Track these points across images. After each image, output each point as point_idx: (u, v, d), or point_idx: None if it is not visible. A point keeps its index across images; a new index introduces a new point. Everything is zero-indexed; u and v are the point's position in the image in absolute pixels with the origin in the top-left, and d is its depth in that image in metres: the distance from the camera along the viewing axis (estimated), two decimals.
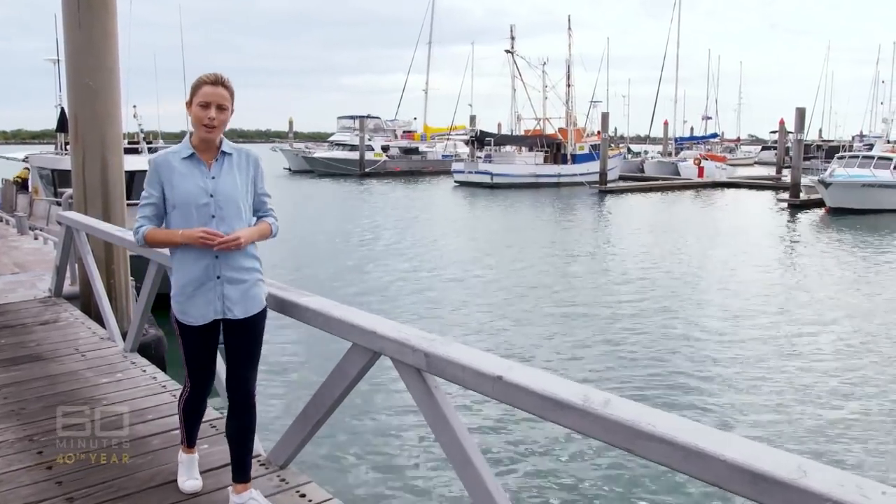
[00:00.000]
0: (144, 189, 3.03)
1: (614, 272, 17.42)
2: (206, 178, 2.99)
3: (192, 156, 3.01)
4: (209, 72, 2.99)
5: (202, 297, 3.01)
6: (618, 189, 43.48)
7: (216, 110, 2.94)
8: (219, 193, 2.98)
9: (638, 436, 1.76)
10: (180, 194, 2.96)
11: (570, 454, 7.19)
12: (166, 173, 2.98)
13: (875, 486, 1.43)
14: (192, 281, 3.00)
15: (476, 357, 2.37)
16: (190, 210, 2.96)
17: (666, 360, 10.39)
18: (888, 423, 8.25)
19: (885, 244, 22.63)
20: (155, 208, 3.01)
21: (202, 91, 2.94)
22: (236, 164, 3.07)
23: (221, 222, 2.98)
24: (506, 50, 52.04)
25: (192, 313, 3.03)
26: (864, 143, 49.62)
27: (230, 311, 3.04)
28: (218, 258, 2.99)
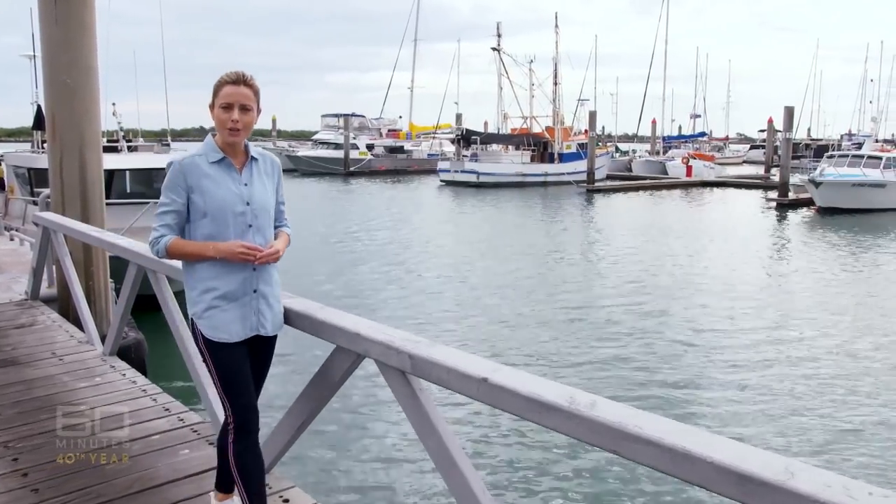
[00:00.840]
0: (163, 195, 2.77)
1: (602, 273, 17.48)
2: (239, 184, 2.80)
3: (222, 160, 2.80)
4: (231, 70, 2.79)
5: (238, 311, 2.81)
6: (605, 188, 43.65)
7: (239, 112, 2.75)
8: (254, 201, 2.82)
9: (624, 438, 1.77)
10: (215, 201, 2.74)
11: (557, 456, 7.21)
12: (195, 178, 2.74)
13: (862, 487, 1.45)
14: (227, 295, 2.79)
15: (461, 359, 2.37)
16: (226, 219, 2.75)
17: (654, 361, 10.43)
18: (878, 424, 8.33)
19: (877, 244, 22.84)
20: (177, 216, 2.76)
21: (223, 92, 2.74)
22: (263, 170, 2.91)
23: (258, 232, 2.82)
24: (492, 47, 52.09)
25: (226, 329, 2.80)
26: (853, 141, 50.06)
27: (263, 328, 2.90)
28: (255, 270, 2.83)
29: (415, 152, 61.28)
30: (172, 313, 4.46)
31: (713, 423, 8.20)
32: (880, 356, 10.83)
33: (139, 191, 14.08)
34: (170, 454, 3.79)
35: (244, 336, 2.84)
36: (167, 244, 2.76)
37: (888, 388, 9.43)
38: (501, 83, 53.48)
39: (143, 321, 7.48)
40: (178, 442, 3.94)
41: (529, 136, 49.54)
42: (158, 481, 3.50)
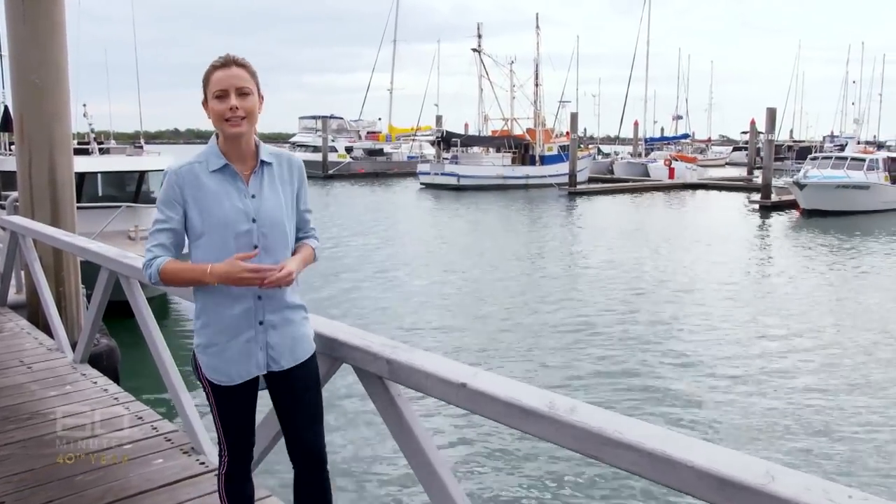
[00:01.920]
0: (158, 210, 2.42)
1: (584, 277, 17.56)
2: (244, 196, 2.40)
3: (224, 167, 2.41)
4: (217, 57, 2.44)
5: (240, 349, 2.43)
6: (587, 191, 43.87)
7: (237, 97, 2.35)
8: (262, 217, 2.40)
9: (605, 443, 1.78)
10: (213, 219, 2.36)
11: (538, 462, 7.22)
12: (192, 190, 2.37)
13: (842, 490, 1.46)
14: (225, 330, 2.42)
15: (440, 364, 2.37)
16: (226, 239, 2.36)
17: (636, 365, 10.49)
18: (861, 426, 8.42)
19: (862, 247, 23.10)
20: (173, 235, 2.40)
21: (214, 79, 2.37)
22: (277, 175, 2.49)
23: (266, 253, 2.39)
24: (473, 48, 52.25)
25: (226, 370, 2.45)
26: (835, 143, 50.70)
27: (275, 363, 2.48)
28: (261, 299, 2.42)
29: (394, 155, 61.27)
30: (146, 319, 4.43)
31: (695, 428, 8.25)
32: (865, 358, 10.96)
33: (111, 194, 13.96)
34: (142, 464, 3.76)
35: (248, 377, 2.47)
36: (160, 267, 2.37)
37: (872, 391, 9.55)
38: (482, 84, 53.66)
39: (116, 327, 7.42)
40: (152, 451, 3.91)
41: (510, 139, 49.71)
42: (130, 492, 3.46)
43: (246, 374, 2.46)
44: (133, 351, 7.21)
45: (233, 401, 2.51)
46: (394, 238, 23.68)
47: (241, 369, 2.45)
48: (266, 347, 2.46)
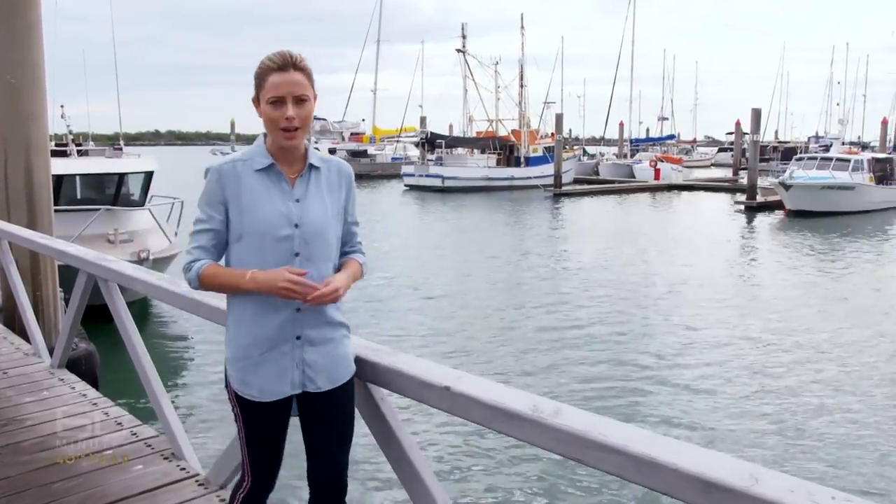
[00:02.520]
0: (200, 209, 2.29)
1: (570, 280, 17.61)
2: (287, 199, 2.26)
3: (270, 167, 2.27)
4: (274, 52, 2.25)
5: (273, 364, 2.27)
6: (573, 192, 44.02)
7: (294, 105, 2.21)
8: (305, 223, 2.25)
9: (589, 446, 1.78)
10: (253, 221, 2.23)
11: (523, 466, 7.23)
12: (233, 189, 2.24)
13: (825, 492, 1.47)
14: (259, 342, 2.26)
15: (423, 367, 2.36)
16: (264, 244, 2.22)
17: (622, 368, 10.53)
18: (846, 428, 8.49)
19: (849, 247, 23.33)
20: (215, 236, 2.27)
21: (269, 83, 2.21)
22: (325, 181, 2.35)
23: (307, 263, 2.25)
24: (457, 49, 52.40)
25: (257, 385, 2.28)
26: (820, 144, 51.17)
27: (312, 383, 2.32)
28: (300, 311, 2.26)
29: (378, 156, 61.23)
30: (125, 324, 4.39)
31: (680, 430, 8.29)
32: (851, 359, 11.05)
33: (90, 197, 13.86)
34: (122, 470, 3.72)
35: (281, 395, 2.30)
36: (200, 270, 2.25)
37: (857, 392, 9.63)
38: (466, 85, 53.88)
39: (95, 331, 7.36)
40: (131, 457, 3.88)
41: (495, 140, 49.83)
42: (110, 498, 3.43)
43: (279, 393, 2.29)
44: (113, 355, 7.16)
45: (262, 420, 2.34)
46: (377, 240, 23.65)
47: (274, 386, 2.28)
48: (302, 365, 2.30)
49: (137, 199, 14.31)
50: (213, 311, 3.34)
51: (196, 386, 9.74)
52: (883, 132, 52.38)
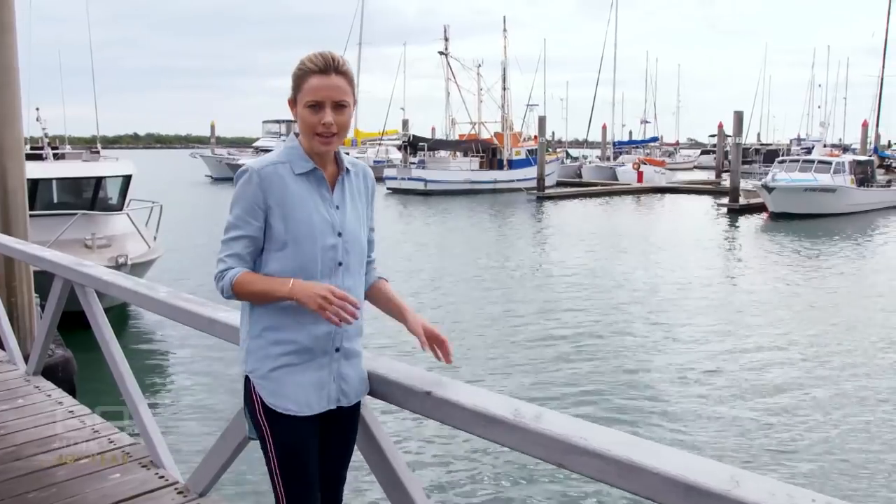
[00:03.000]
0: (234, 213, 2.15)
1: (552, 283, 17.65)
2: (329, 206, 2.17)
3: (312, 172, 2.17)
4: (315, 52, 2.15)
5: (312, 376, 2.17)
6: (556, 195, 44.13)
7: (333, 111, 2.12)
8: (346, 231, 2.19)
9: (570, 450, 1.78)
10: (300, 229, 2.11)
11: (508, 472, 7.23)
12: (277, 195, 2.11)
13: (805, 495, 1.49)
14: (304, 351, 2.15)
15: (404, 372, 2.37)
16: (313, 253, 2.12)
17: (605, 370, 10.57)
18: (827, 432, 8.57)
19: (831, 249, 23.54)
20: (250, 243, 2.14)
21: (309, 86, 2.11)
22: (355, 187, 2.29)
23: (348, 274, 2.20)
24: (439, 51, 52.34)
25: (295, 397, 2.15)
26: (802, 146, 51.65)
27: (346, 398, 2.26)
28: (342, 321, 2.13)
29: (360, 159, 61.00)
30: (102, 330, 4.35)
31: (663, 433, 8.33)
32: (831, 361, 11.15)
33: (67, 201, 13.74)
34: (99, 479, 3.69)
35: (318, 409, 2.19)
36: (234, 279, 2.12)
37: (838, 395, 9.71)
38: (449, 88, 53.85)
39: (71, 338, 7.30)
40: (109, 465, 3.84)
41: (478, 143, 49.88)
42: None
43: (316, 407, 2.18)
44: (90, 362, 7.10)
45: (297, 437, 2.18)
46: None
47: (312, 400, 2.17)
48: (339, 378, 2.22)
49: (115, 204, 14.19)
50: (192, 317, 3.32)
51: (175, 392, 9.67)
52: (863, 135, 52.98)
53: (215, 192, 46.71)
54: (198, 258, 19.58)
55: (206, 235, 24.48)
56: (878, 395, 9.69)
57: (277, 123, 63.74)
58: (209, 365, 10.24)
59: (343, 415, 2.29)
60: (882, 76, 56.60)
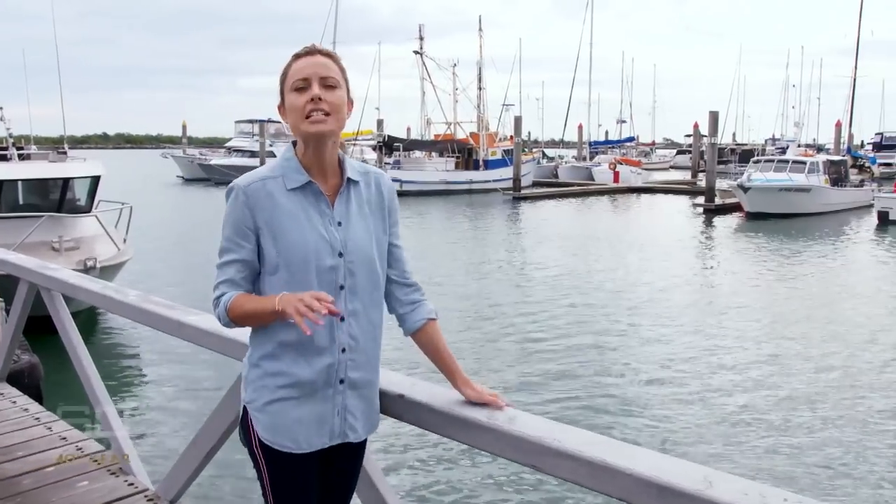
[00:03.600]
0: (224, 235, 2.00)
1: (529, 284, 17.71)
2: (328, 223, 1.98)
3: (306, 185, 1.98)
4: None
5: (314, 410, 2.00)
6: (532, 196, 44.30)
7: (321, 87, 1.93)
8: (350, 250, 1.99)
9: (544, 452, 1.79)
10: (292, 251, 1.94)
11: (483, 473, 7.24)
12: (265, 214, 1.95)
13: (778, 494, 1.51)
14: (302, 384, 1.98)
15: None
16: (307, 277, 1.94)
17: (581, 372, 10.62)
18: (800, 430, 8.67)
19: (806, 249, 23.84)
20: (244, 267, 1.99)
21: (294, 69, 1.97)
22: (365, 198, 2.06)
23: (353, 297, 2.00)
24: (414, 51, 52.33)
25: (292, 434, 2.00)
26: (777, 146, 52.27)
27: (353, 432, 2.07)
28: (345, 352, 2.00)
29: None
30: (70, 335, 4.30)
31: (638, 434, 8.38)
32: (805, 361, 11.28)
33: (33, 202, 13.55)
34: (66, 487, 3.64)
35: (319, 446, 2.03)
36: (227, 304, 1.97)
37: (811, 393, 9.83)
38: (424, 88, 53.81)
39: (38, 343, 7.20)
40: (76, 473, 3.79)
41: (453, 143, 49.91)
42: None
43: (317, 444, 2.02)
44: (58, 368, 7.01)
45: (294, 476, 2.04)
46: None
47: (312, 436, 2.01)
48: (344, 412, 2.03)
49: (83, 205, 14.02)
50: (161, 321, 3.30)
51: (145, 398, 9.58)
52: (837, 135, 53.79)
53: (187, 193, 46.38)
54: (169, 260, 19.43)
55: (177, 237, 24.31)
56: (852, 394, 9.82)
57: (250, 123, 63.26)
58: (179, 369, 10.15)
59: (349, 448, 2.12)
60: (854, 77, 57.49)
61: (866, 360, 11.32)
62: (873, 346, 12.18)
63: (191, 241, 23.21)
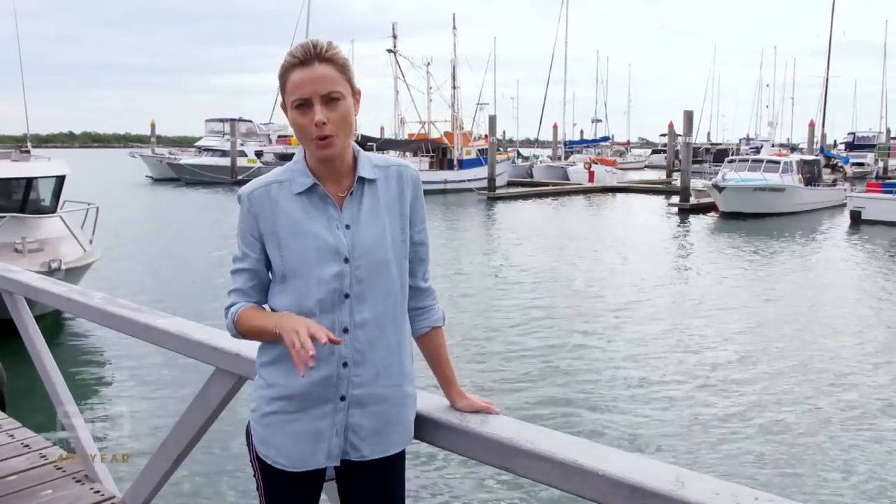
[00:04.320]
0: (237, 243, 1.97)
1: (504, 285, 17.76)
2: (336, 227, 1.88)
3: (312, 189, 1.90)
4: (299, 43, 1.89)
5: (308, 426, 1.91)
6: (507, 196, 44.42)
7: (324, 106, 1.83)
8: (358, 255, 1.88)
9: (516, 454, 1.80)
10: (294, 258, 1.88)
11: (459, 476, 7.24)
12: (268, 220, 1.89)
13: (749, 493, 1.52)
14: (296, 398, 1.91)
15: None
16: (308, 285, 1.87)
17: (551, 373, 10.66)
18: (771, 430, 8.77)
19: (781, 248, 24.14)
20: (253, 276, 1.95)
21: (291, 82, 1.84)
22: (383, 195, 1.94)
23: (361, 305, 1.89)
24: (388, 49, 52.30)
25: (285, 450, 1.94)
26: (751, 146, 52.91)
27: (355, 451, 1.95)
28: (347, 367, 1.89)
29: None
30: (33, 339, 4.23)
31: (611, 435, 8.43)
32: (779, 362, 11.42)
33: None
34: (29, 496, 3.59)
35: (314, 466, 1.94)
36: (235, 316, 1.94)
37: (784, 393, 9.95)
38: (398, 86, 53.83)
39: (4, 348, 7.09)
40: (39, 482, 3.74)
41: (427, 142, 49.91)
42: None
43: (311, 463, 1.94)
44: (21, 373, 6.90)
45: (287, 494, 1.99)
46: None
47: (306, 454, 1.93)
48: (345, 430, 1.92)
49: (48, 205, 13.83)
50: (127, 324, 3.25)
51: (111, 403, 9.47)
52: (810, 134, 54.51)
53: (157, 193, 45.95)
54: (138, 262, 19.23)
55: (146, 238, 24.07)
56: (825, 394, 9.95)
57: (221, 122, 62.90)
58: (147, 373, 10.05)
59: (365, 467, 1.98)
60: (827, 77, 58.26)
61: (841, 361, 11.48)
62: (847, 345, 12.36)
63: (160, 242, 23.01)
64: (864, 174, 53.43)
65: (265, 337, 1.90)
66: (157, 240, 23.63)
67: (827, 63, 57.99)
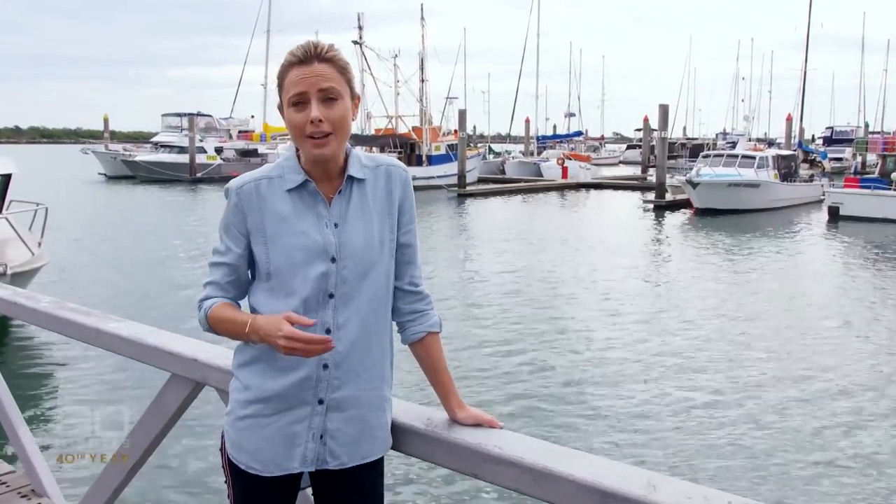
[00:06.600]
0: (219, 236, 1.99)
1: (475, 285, 17.78)
2: (324, 225, 1.90)
3: (303, 185, 1.91)
4: (299, 44, 1.89)
5: (283, 430, 1.91)
6: (478, 192, 44.53)
7: (321, 104, 1.84)
8: (345, 255, 1.89)
9: (485, 459, 1.80)
10: (280, 256, 1.89)
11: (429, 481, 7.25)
12: (256, 216, 1.90)
13: (721, 496, 1.54)
14: (271, 400, 1.91)
15: None
16: (293, 284, 1.88)
17: (525, 375, 10.69)
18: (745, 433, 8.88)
19: (755, 245, 24.46)
20: (231, 272, 1.97)
21: (289, 80, 1.87)
22: (371, 194, 1.97)
23: (346, 306, 1.91)
24: (353, 41, 52.08)
25: (257, 454, 1.93)
26: (727, 140, 53.53)
27: (333, 457, 1.95)
28: (327, 369, 1.89)
29: (270, 156, 60.04)
30: None
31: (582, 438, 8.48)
32: (752, 362, 11.56)
33: None
34: None
35: (288, 470, 1.94)
36: (209, 311, 1.95)
37: (758, 395, 10.08)
38: (364, 80, 53.50)
39: None
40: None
41: (395, 137, 49.83)
42: None
43: (286, 467, 1.93)
44: None
45: (262, 500, 1.98)
46: None
47: (280, 458, 1.92)
48: (323, 435, 1.92)
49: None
50: (77, 329, 3.21)
51: (59, 412, 9.32)
52: (788, 129, 55.24)
53: (111, 192, 45.40)
54: (90, 265, 18.98)
55: (99, 239, 23.74)
56: (800, 394, 10.08)
57: (178, 117, 62.25)
58: (98, 380, 9.90)
59: (342, 476, 1.98)
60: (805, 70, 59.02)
61: (817, 358, 11.64)
62: (824, 342, 12.54)
63: (115, 243, 22.71)
64: (842, 169, 54.39)
65: (236, 336, 1.92)
66: (112, 241, 23.28)
67: (805, 56, 58.72)
